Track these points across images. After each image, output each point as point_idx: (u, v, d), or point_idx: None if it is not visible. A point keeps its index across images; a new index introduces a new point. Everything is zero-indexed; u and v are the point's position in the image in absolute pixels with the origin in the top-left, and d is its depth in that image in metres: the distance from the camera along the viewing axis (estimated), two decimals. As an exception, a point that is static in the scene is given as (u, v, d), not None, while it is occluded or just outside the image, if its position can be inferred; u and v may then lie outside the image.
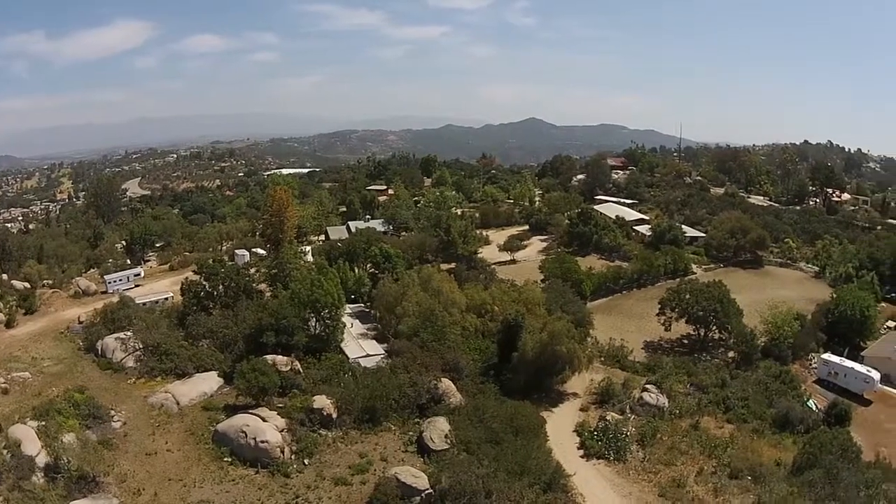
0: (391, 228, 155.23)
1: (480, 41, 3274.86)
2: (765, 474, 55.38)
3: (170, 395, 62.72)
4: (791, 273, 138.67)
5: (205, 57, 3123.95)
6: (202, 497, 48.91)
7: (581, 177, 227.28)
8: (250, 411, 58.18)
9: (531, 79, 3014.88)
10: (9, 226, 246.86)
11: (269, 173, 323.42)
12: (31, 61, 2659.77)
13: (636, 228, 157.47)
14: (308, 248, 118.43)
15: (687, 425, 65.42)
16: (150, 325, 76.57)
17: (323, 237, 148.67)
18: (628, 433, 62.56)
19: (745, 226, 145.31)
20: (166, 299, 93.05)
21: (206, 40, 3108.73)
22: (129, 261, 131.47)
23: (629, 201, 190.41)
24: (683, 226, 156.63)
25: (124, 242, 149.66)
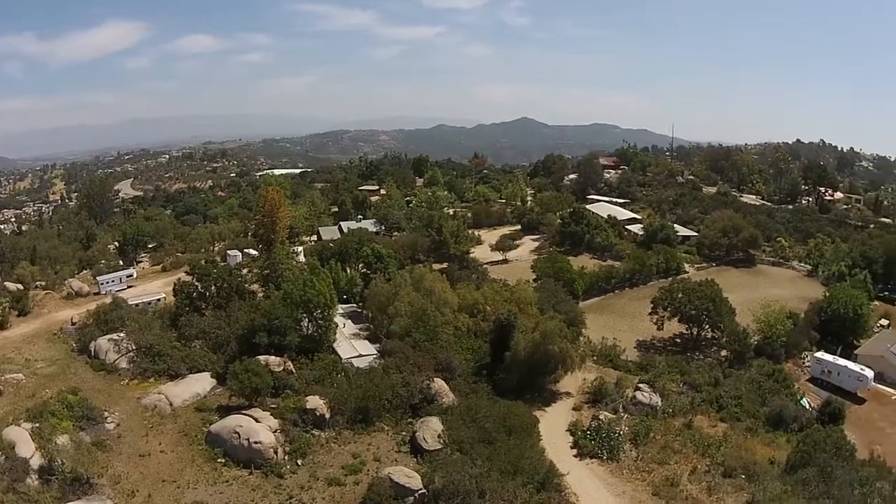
0: (383, 228, 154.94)
1: (475, 41, 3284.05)
2: (758, 473, 55.32)
3: (163, 396, 62.59)
4: (784, 272, 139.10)
5: (197, 57, 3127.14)
6: (196, 498, 48.86)
7: (573, 176, 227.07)
8: (243, 412, 58.03)
9: (526, 78, 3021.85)
10: (2, 227, 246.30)
11: (260, 174, 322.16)
12: (23, 62, 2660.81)
13: (628, 228, 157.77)
14: (300, 249, 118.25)
15: (680, 424, 65.43)
16: (143, 326, 76.38)
17: (315, 237, 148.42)
18: (621, 432, 62.53)
19: (737, 225, 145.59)
20: (159, 300, 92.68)
21: (199, 40, 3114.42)
22: (121, 262, 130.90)
23: (621, 201, 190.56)
24: (676, 225, 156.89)
25: (117, 243, 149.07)
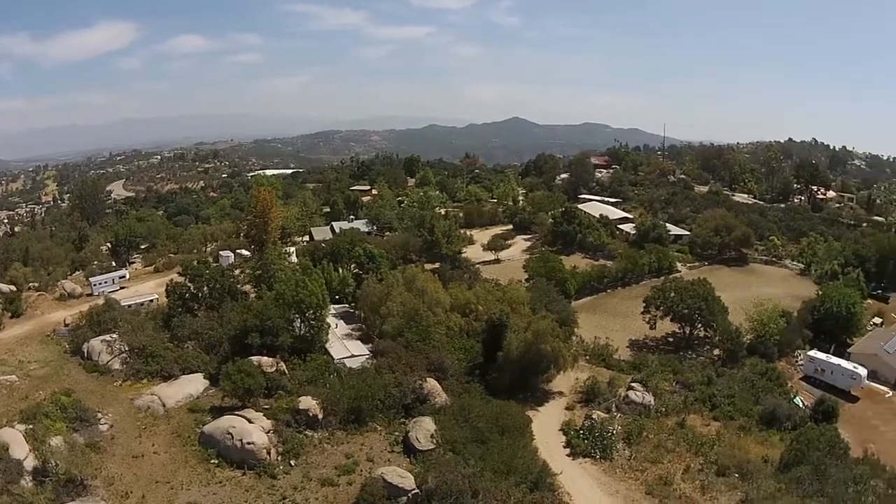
0: (375, 229, 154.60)
1: (465, 41, 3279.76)
2: (752, 471, 55.51)
3: (156, 397, 62.49)
4: (776, 270, 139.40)
5: (189, 58, 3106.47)
6: (189, 499, 48.84)
7: (565, 176, 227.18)
8: (236, 413, 58.03)
9: (516, 78, 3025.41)
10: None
11: (252, 174, 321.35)
12: (14, 63, 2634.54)
13: (620, 227, 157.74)
14: (292, 249, 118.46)
15: (673, 423, 65.64)
16: (136, 327, 76.30)
17: (307, 238, 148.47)
18: (614, 431, 62.70)
19: (729, 224, 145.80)
20: (151, 301, 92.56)
21: (191, 41, 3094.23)
22: (114, 263, 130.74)
23: (613, 200, 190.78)
24: (668, 224, 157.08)
25: (109, 244, 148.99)
